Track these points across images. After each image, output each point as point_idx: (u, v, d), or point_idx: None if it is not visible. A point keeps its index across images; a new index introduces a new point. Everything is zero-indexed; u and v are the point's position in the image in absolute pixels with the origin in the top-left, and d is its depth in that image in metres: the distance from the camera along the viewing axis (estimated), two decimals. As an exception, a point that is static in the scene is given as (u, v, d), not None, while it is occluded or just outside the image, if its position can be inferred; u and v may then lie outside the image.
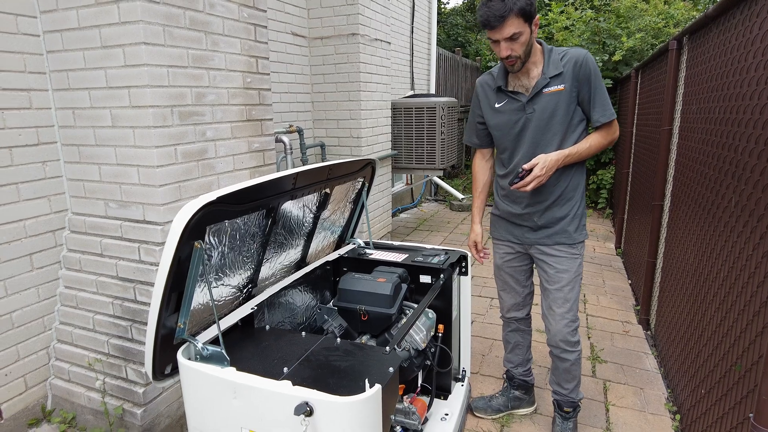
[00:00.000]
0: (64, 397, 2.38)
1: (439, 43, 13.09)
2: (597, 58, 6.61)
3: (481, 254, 2.38)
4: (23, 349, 2.30)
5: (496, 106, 2.12)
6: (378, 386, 1.31)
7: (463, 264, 2.46)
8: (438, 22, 7.93)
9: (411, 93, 6.88)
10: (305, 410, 1.26)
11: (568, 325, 2.17)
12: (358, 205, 2.59)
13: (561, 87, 1.98)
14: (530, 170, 1.95)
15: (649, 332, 3.41)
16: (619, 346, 3.21)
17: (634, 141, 5.00)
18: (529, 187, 1.95)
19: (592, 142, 2.06)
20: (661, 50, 3.58)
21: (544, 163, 1.94)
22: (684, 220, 2.73)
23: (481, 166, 2.38)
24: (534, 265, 2.32)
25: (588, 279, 4.40)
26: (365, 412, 1.29)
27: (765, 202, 1.63)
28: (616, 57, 6.66)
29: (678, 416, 2.44)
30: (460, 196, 7.63)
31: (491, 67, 8.42)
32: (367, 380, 1.34)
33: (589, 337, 3.32)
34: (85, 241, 2.38)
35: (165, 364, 1.59)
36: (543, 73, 2.00)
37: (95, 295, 2.34)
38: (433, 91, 8.02)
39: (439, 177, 8.08)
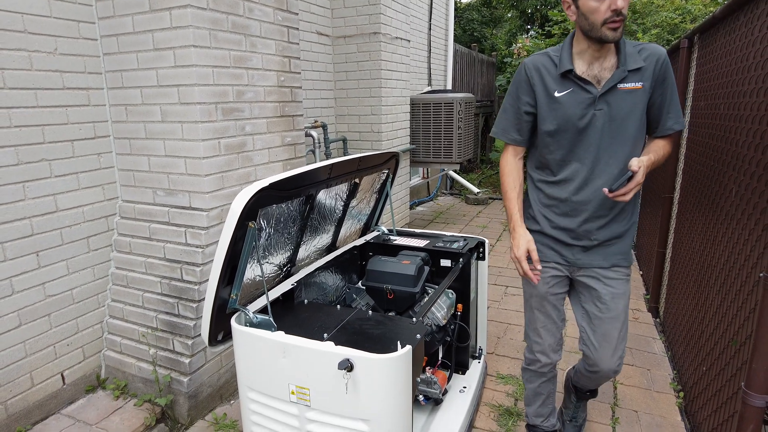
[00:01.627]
0: (116, 367, 2.62)
1: (455, 39, 13.18)
2: (612, 54, 6.69)
3: (537, 269, 1.84)
4: (82, 322, 2.55)
5: (557, 95, 1.74)
6: (409, 347, 1.51)
7: (481, 250, 2.65)
8: (454, 17, 8.07)
9: (428, 89, 7.04)
10: (347, 366, 1.46)
11: (621, 357, 1.90)
12: (382, 194, 2.79)
13: (639, 85, 1.69)
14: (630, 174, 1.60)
15: (657, 319, 3.56)
16: (629, 331, 3.37)
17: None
18: (628, 196, 1.62)
19: (664, 150, 1.80)
20: (674, 47, 3.71)
21: (644, 168, 1.61)
22: (691, 211, 2.88)
23: (515, 165, 1.95)
24: (572, 291, 1.99)
25: (600, 269, 4.54)
26: (398, 368, 1.49)
27: (760, 191, 1.79)
28: (632, 53, 6.73)
29: (682, 393, 2.61)
30: (475, 190, 7.78)
31: (508, 62, 8.51)
32: (399, 342, 1.54)
33: (599, 323, 3.48)
34: (135, 226, 2.61)
35: (218, 332, 1.82)
36: (620, 65, 1.69)
37: (144, 275, 2.57)
38: (450, 86, 8.18)
39: (455, 171, 8.24)
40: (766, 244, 1.68)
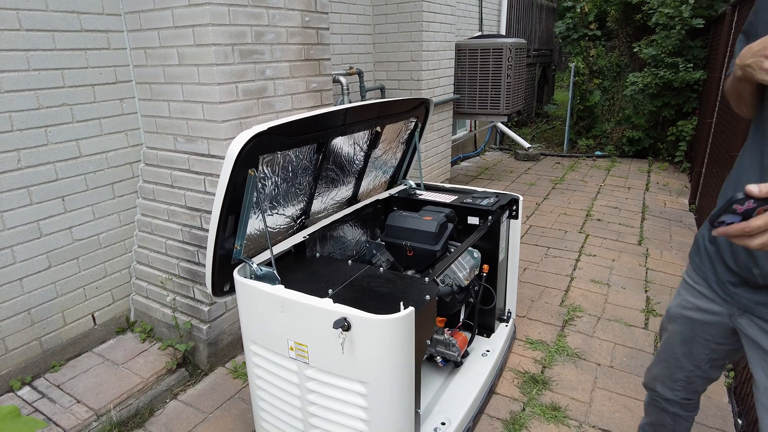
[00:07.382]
0: (143, 311, 2.69)
1: (514, -18, 12.21)
2: (689, -7, 5.95)
3: None
4: (109, 267, 2.60)
5: None
6: (411, 309, 1.39)
7: (514, 207, 2.45)
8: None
9: (478, 34, 6.59)
10: (343, 325, 1.37)
11: None
12: (410, 146, 2.61)
13: None
14: (754, 206, 0.85)
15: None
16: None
17: (721, 88, 4.56)
18: (755, 243, 0.86)
19: None
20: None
21: None
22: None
23: None
24: (743, 349, 1.25)
25: (654, 234, 4.20)
26: (399, 331, 1.38)
27: None
28: (713, -8, 5.95)
29: (732, 373, 2.36)
30: (526, 144, 7.37)
31: (570, 7, 7.78)
32: (402, 303, 1.42)
33: (646, 290, 3.22)
34: (158, 173, 2.59)
35: (224, 283, 1.76)
36: None
37: (167, 223, 2.57)
38: (503, 32, 7.64)
39: (504, 124, 7.82)
40: None
